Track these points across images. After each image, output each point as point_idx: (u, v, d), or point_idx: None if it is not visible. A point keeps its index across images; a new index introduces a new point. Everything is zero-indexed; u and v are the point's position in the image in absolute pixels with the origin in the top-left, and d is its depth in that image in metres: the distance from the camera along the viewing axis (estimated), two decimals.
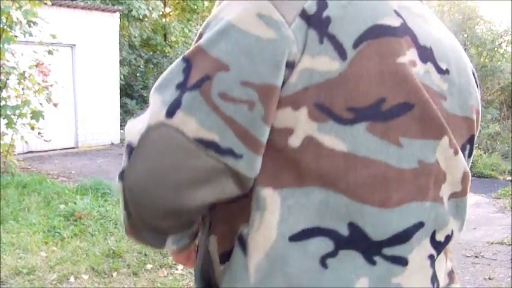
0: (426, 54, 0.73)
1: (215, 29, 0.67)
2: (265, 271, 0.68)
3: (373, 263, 0.69)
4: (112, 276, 3.56)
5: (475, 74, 0.86)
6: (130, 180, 0.67)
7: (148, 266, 3.72)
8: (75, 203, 5.00)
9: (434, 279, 0.76)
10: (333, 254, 0.67)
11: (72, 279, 3.47)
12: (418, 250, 0.72)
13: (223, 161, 0.65)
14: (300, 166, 0.67)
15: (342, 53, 0.65)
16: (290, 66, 0.65)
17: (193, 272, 3.00)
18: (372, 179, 0.67)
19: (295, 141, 0.66)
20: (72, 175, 7.23)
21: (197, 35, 0.71)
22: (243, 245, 0.70)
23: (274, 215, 0.68)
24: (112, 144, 10.69)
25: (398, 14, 0.71)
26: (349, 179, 0.66)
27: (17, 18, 6.00)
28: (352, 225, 0.67)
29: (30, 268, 3.57)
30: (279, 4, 0.66)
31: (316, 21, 0.66)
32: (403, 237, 0.70)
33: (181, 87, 0.66)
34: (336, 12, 0.66)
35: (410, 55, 0.69)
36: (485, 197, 6.27)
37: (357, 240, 0.68)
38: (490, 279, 3.65)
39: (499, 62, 11.70)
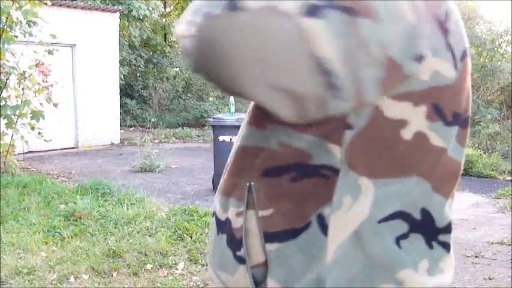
0: None
1: None
2: (347, 250, 0.72)
3: (431, 247, 0.77)
4: (112, 276, 3.55)
5: None
6: (210, 27, 0.59)
7: (148, 266, 3.72)
8: (75, 203, 5.00)
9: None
10: (405, 236, 0.74)
11: (72, 279, 3.47)
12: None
13: (324, 93, 0.63)
14: (404, 158, 0.73)
15: (455, 63, 0.73)
16: (419, 59, 0.68)
17: (193, 271, 2.97)
18: (450, 174, 0.78)
19: (406, 134, 0.71)
20: (72, 175, 7.23)
21: None
22: (324, 226, 0.73)
23: (367, 200, 0.72)
24: (112, 144, 10.69)
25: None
26: (439, 171, 0.76)
27: (17, 18, 6.00)
28: (424, 211, 0.75)
29: (30, 268, 3.57)
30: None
31: (443, 28, 0.71)
32: (451, 226, 0.80)
33: (328, 3, 0.59)
34: (453, 25, 0.73)
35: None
36: (485, 197, 6.27)
37: (426, 225, 0.76)
38: (490, 279, 3.65)
39: (499, 62, 11.69)
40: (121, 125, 11.78)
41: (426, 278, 0.76)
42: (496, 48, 11.96)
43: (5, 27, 5.85)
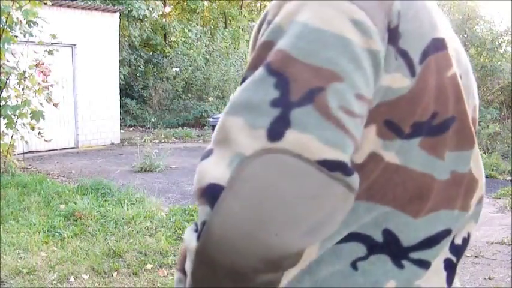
0: (456, 59, 0.73)
1: (300, 35, 0.58)
2: (295, 274, 0.68)
3: (401, 266, 0.70)
4: (112, 276, 3.55)
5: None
6: (223, 229, 0.54)
7: (148, 266, 3.72)
8: (75, 203, 5.00)
9: (450, 281, 0.77)
10: (364, 258, 0.68)
11: (72, 279, 3.47)
12: (441, 255, 0.74)
13: (348, 181, 0.56)
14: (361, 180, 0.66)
15: (411, 69, 0.63)
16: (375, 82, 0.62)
17: None
18: (416, 190, 0.68)
19: (358, 158, 0.63)
20: (72, 175, 7.23)
21: (262, 42, 0.61)
22: None
23: None
24: (112, 144, 10.69)
25: (441, 23, 0.70)
26: (397, 190, 0.67)
27: (17, 18, 6.00)
28: (386, 231, 0.68)
29: (30, 268, 3.57)
30: (368, 12, 0.60)
31: (394, 36, 0.62)
32: (431, 242, 0.71)
33: (282, 103, 0.55)
34: (406, 26, 0.63)
35: (454, 67, 0.69)
36: (485, 197, 6.24)
37: (389, 245, 0.69)
38: (490, 279, 3.65)
39: (499, 62, 11.68)
40: (121, 125, 11.77)
41: None
42: (496, 48, 11.95)
43: (5, 27, 5.85)
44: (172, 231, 4.42)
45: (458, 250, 0.77)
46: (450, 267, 0.76)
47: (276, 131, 0.54)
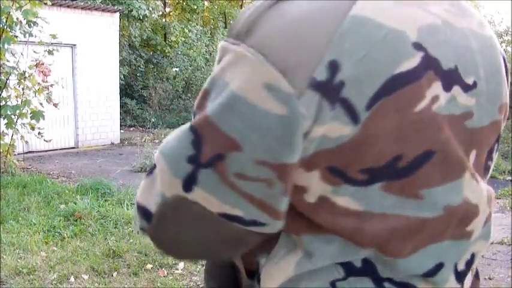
0: (451, 79, 0.67)
1: (221, 100, 0.61)
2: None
3: (382, 287, 0.68)
4: (112, 276, 3.56)
5: (505, 58, 0.82)
6: (155, 241, 0.72)
7: (148, 266, 3.72)
8: (75, 203, 5.00)
9: None
10: (343, 279, 0.68)
11: (72, 279, 3.47)
12: (435, 285, 0.71)
13: (250, 229, 0.66)
14: (316, 219, 0.66)
15: (354, 117, 0.60)
16: (304, 137, 0.61)
17: (193, 271, 2.98)
18: (389, 231, 0.65)
19: (310, 198, 0.64)
20: (72, 175, 7.23)
21: (203, 90, 0.66)
22: (258, 274, 0.72)
23: (296, 256, 0.69)
24: (112, 144, 10.69)
25: (418, 47, 0.64)
26: (365, 233, 0.65)
27: (17, 18, 6.00)
28: (365, 260, 0.68)
29: (30, 268, 3.57)
30: (286, 72, 0.59)
31: (329, 89, 0.59)
32: (417, 277, 0.70)
33: (195, 161, 0.62)
34: (349, 73, 0.59)
35: (430, 93, 0.64)
36: None
37: (367, 272, 0.68)
38: (490, 279, 3.65)
39: None
40: (121, 125, 11.78)
41: None
42: None
43: (5, 27, 5.85)
44: None
45: (461, 275, 0.75)
46: None
47: (188, 184, 0.63)
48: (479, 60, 0.72)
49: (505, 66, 0.80)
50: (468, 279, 0.79)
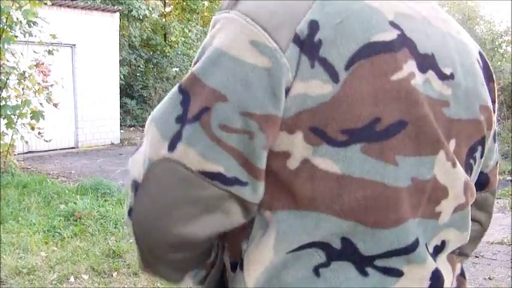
0: (427, 63, 0.70)
1: (207, 57, 0.66)
2: (263, 282, 0.69)
3: (365, 274, 0.69)
4: (112, 276, 3.56)
5: (488, 64, 0.83)
6: (138, 215, 0.68)
7: None
8: (75, 203, 5.00)
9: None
10: (325, 265, 0.68)
11: (72, 279, 3.47)
12: (417, 264, 0.71)
13: (230, 190, 0.65)
14: (295, 189, 0.66)
15: (333, 75, 0.63)
16: (286, 93, 0.64)
17: None
18: (368, 200, 0.66)
19: (293, 163, 0.66)
20: (72, 175, 7.23)
21: (194, 61, 0.70)
22: (241, 260, 0.72)
23: (271, 237, 0.69)
24: (112, 144, 10.69)
25: (394, 25, 0.68)
26: (344, 201, 0.66)
27: (17, 18, 6.00)
28: (344, 239, 0.68)
29: (30, 268, 3.57)
30: (271, 30, 0.64)
31: (308, 46, 0.64)
32: (397, 253, 0.69)
33: (181, 120, 0.65)
34: (327, 34, 0.64)
35: (407, 68, 0.67)
36: None
37: (348, 254, 0.68)
38: (490, 279, 3.65)
39: (499, 62, 11.69)
40: (121, 125, 11.78)
41: None
42: (496, 48, 11.97)
43: (5, 27, 5.85)
44: None
45: (434, 253, 0.75)
46: (436, 279, 0.74)
47: (173, 144, 0.64)
48: (456, 58, 0.75)
49: (488, 73, 0.83)
50: (453, 278, 0.80)
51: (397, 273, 0.70)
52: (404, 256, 0.69)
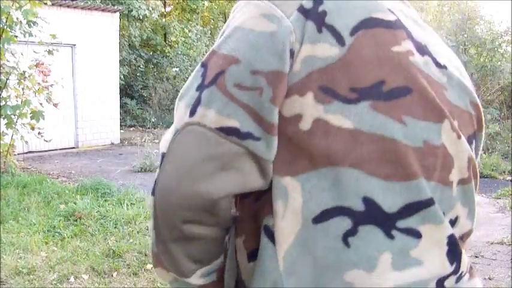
0: (422, 49, 0.76)
1: (225, 35, 0.75)
2: (295, 256, 0.71)
3: (392, 237, 0.71)
4: (112, 276, 3.56)
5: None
6: (160, 183, 0.72)
7: (149, 266, 3.72)
8: (75, 203, 5.00)
9: (453, 258, 0.76)
10: (352, 232, 0.70)
11: (72, 279, 3.47)
12: (434, 225, 0.73)
13: (245, 144, 0.70)
14: (311, 149, 0.70)
15: (340, 39, 0.71)
16: (291, 55, 0.70)
17: None
18: (379, 152, 0.70)
19: (305, 125, 0.70)
20: (72, 175, 7.23)
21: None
22: (271, 235, 0.73)
23: (296, 201, 0.71)
24: (112, 144, 10.69)
25: (392, 12, 0.75)
26: (357, 153, 0.70)
27: (17, 18, 6.00)
28: (366, 199, 0.70)
29: (30, 268, 3.57)
30: (279, 4, 0.73)
31: (313, 14, 0.71)
32: (411, 209, 0.72)
33: (200, 87, 0.72)
34: (331, 6, 0.72)
35: (406, 46, 0.73)
36: (485, 197, 6.26)
37: (373, 214, 0.70)
38: (490, 279, 3.65)
39: (499, 62, 11.68)
40: (121, 125, 11.78)
41: (391, 274, 0.70)
42: (496, 48, 11.95)
43: (5, 27, 5.85)
44: None
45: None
46: (453, 244, 0.76)
47: (194, 109, 0.71)
48: (445, 54, 0.82)
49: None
50: (468, 264, 0.81)
51: (417, 235, 0.72)
52: (420, 213, 0.72)
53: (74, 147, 9.96)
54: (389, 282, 0.70)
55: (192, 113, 0.71)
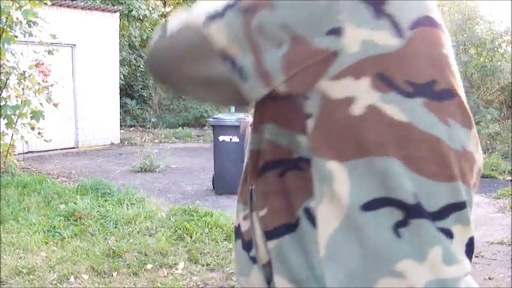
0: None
1: None
2: (339, 242, 0.70)
3: (438, 232, 0.72)
4: (112, 276, 3.56)
5: None
6: (154, 48, 0.83)
7: (149, 266, 3.72)
8: (75, 203, 5.00)
9: (469, 258, 0.82)
10: (404, 223, 0.70)
11: (72, 279, 3.47)
12: (463, 227, 0.76)
13: (230, 75, 0.72)
14: (361, 136, 0.69)
15: (399, 31, 0.70)
16: (337, 33, 0.68)
17: (193, 271, 2.98)
18: (428, 151, 0.71)
19: (357, 109, 0.69)
20: (72, 175, 7.23)
21: None
22: (311, 219, 0.72)
23: (343, 186, 0.70)
24: (112, 144, 10.69)
25: (436, 12, 0.77)
26: (408, 148, 0.70)
27: (17, 18, 6.00)
28: (414, 195, 0.71)
29: (30, 268, 3.57)
30: None
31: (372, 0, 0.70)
32: (450, 210, 0.74)
33: (230, 6, 0.72)
34: None
35: (449, 49, 0.76)
36: (485, 197, 6.26)
37: (420, 210, 0.71)
38: (490, 279, 3.65)
39: (499, 62, 11.66)
40: (121, 125, 11.77)
41: (442, 268, 0.72)
42: (496, 48, 11.94)
43: (5, 27, 5.85)
44: (172, 231, 4.42)
45: None
46: (471, 245, 0.81)
47: (211, 18, 0.73)
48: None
49: None
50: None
51: (450, 235, 0.74)
52: (455, 214, 0.74)
53: (74, 147, 9.96)
54: (442, 274, 0.72)
55: (209, 21, 0.73)
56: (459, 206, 0.74)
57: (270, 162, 0.77)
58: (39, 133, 6.46)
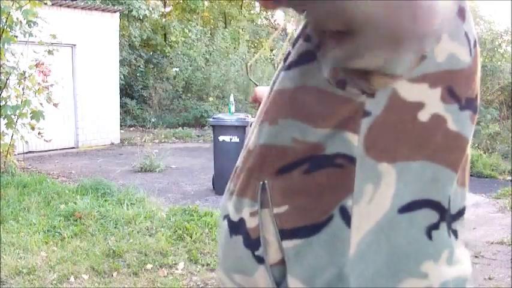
0: None
1: None
2: (369, 242, 0.71)
3: (449, 235, 0.76)
4: (112, 276, 3.56)
5: None
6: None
7: (148, 266, 3.72)
8: (75, 203, 5.00)
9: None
10: (436, 226, 0.73)
11: (72, 279, 3.47)
12: (462, 228, 0.80)
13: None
14: (421, 141, 0.72)
15: (470, 48, 0.74)
16: (437, 39, 0.69)
17: (193, 271, 2.98)
18: (464, 159, 0.77)
19: (424, 115, 0.71)
20: (72, 175, 7.23)
21: None
22: (347, 218, 0.71)
23: (389, 188, 0.71)
24: (112, 144, 10.68)
25: None
26: (456, 157, 0.75)
27: (17, 18, 6.00)
28: (449, 199, 0.75)
29: (30, 268, 3.57)
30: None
31: (462, 15, 0.73)
32: (463, 213, 0.79)
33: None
34: (468, 15, 0.75)
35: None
36: (485, 197, 6.26)
37: (448, 213, 0.75)
38: (490, 279, 3.65)
39: (499, 62, 11.66)
40: (121, 125, 11.77)
41: (446, 268, 0.74)
42: (496, 48, 11.94)
43: (5, 27, 5.85)
44: (172, 231, 4.42)
45: None
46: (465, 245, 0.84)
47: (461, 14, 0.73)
48: None
49: None
50: None
51: (456, 234, 0.78)
52: (463, 216, 0.79)
53: (74, 147, 9.95)
54: (450, 273, 0.75)
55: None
56: (465, 209, 0.80)
57: (295, 160, 0.75)
58: (39, 133, 6.46)
